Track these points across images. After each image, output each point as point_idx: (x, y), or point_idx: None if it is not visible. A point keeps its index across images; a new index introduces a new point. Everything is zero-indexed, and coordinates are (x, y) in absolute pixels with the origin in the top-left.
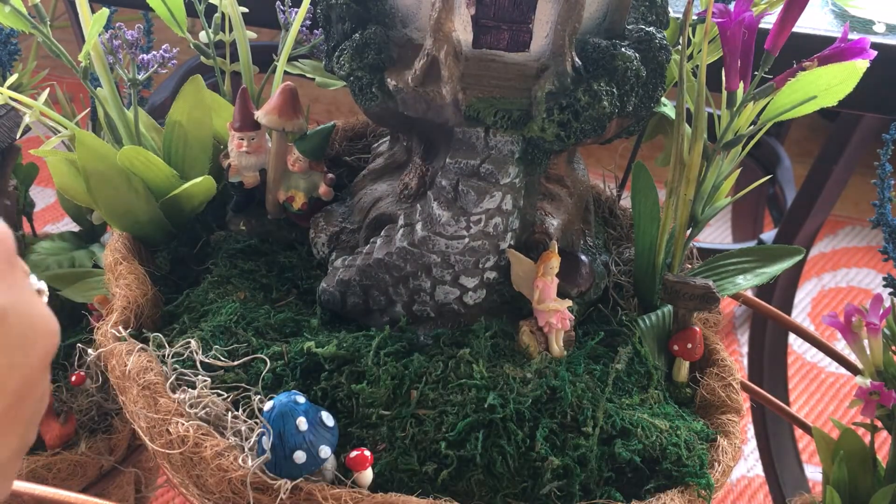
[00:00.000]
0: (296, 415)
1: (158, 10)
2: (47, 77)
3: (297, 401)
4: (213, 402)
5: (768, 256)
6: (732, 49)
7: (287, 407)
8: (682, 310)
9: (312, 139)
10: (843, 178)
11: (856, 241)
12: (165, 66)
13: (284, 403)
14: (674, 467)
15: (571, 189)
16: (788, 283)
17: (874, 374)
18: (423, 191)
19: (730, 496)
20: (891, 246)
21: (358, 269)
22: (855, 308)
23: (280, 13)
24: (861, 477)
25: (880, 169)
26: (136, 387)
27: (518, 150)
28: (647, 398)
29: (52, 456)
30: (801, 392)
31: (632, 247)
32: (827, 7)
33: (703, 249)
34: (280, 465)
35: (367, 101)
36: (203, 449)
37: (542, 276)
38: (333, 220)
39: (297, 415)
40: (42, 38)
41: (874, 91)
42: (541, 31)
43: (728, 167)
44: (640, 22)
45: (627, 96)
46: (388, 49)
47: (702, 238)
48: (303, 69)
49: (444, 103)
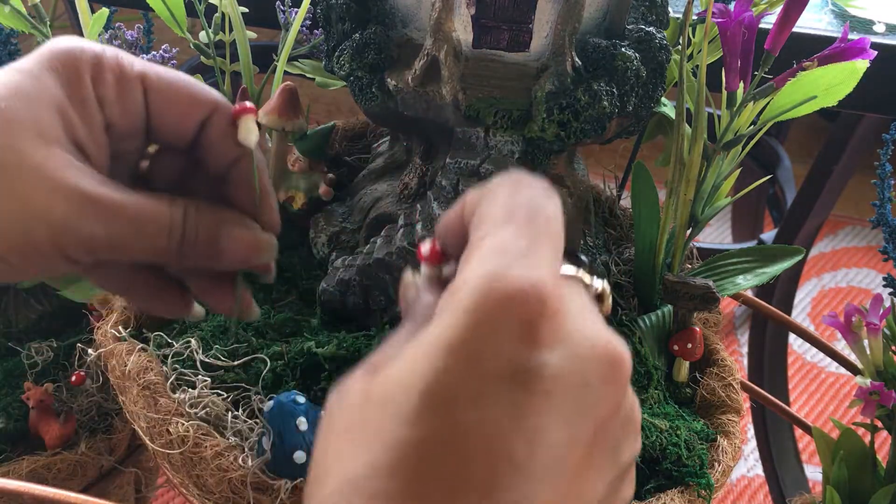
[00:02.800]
0: (296, 415)
1: (158, 10)
2: None
3: (296, 401)
4: (213, 402)
5: (768, 256)
6: (732, 49)
7: (287, 407)
8: (682, 310)
9: (312, 139)
10: (843, 178)
11: (856, 241)
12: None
13: (284, 403)
14: (674, 467)
15: (571, 189)
16: (788, 283)
17: (874, 374)
18: (423, 191)
19: (730, 496)
20: (891, 246)
21: (358, 269)
22: (855, 308)
23: (280, 13)
24: (861, 477)
25: (880, 169)
26: (136, 387)
27: (518, 150)
28: (646, 398)
29: (52, 456)
30: (801, 392)
31: (632, 247)
32: (827, 7)
33: (703, 249)
34: (280, 465)
35: (366, 101)
36: (203, 449)
37: None
38: (333, 220)
39: (298, 415)
40: (42, 38)
41: (874, 91)
42: (541, 30)
43: (728, 167)
44: (640, 22)
45: (627, 96)
46: (387, 49)
47: (702, 238)
48: (303, 69)
49: (444, 103)
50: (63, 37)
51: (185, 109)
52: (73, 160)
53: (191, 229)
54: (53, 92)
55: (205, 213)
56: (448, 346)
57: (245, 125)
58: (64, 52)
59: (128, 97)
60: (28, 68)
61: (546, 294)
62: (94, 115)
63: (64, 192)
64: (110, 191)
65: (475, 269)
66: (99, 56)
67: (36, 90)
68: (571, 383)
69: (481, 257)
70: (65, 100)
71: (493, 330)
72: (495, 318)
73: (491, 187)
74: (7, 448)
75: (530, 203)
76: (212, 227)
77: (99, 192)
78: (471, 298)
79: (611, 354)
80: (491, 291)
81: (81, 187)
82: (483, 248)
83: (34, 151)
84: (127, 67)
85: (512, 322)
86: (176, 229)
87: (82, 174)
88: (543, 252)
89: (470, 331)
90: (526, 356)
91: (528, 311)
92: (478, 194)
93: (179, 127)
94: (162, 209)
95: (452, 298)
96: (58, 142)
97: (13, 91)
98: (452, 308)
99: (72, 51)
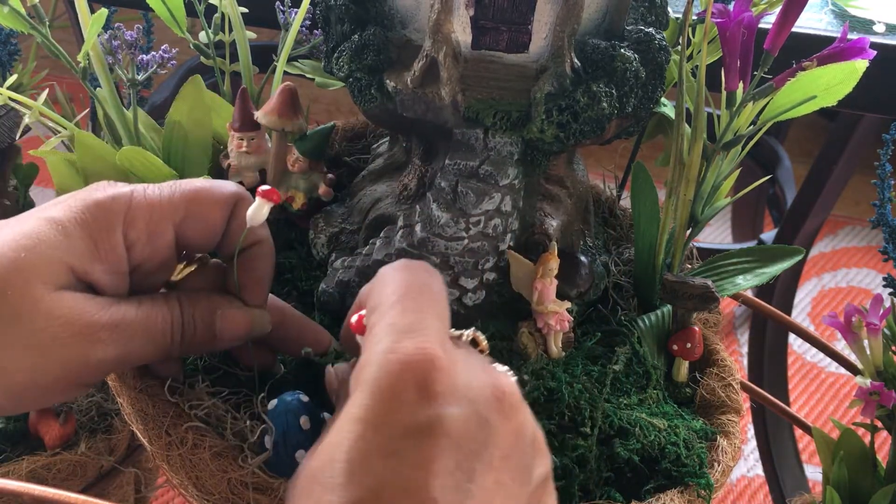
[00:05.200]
0: (300, 414)
1: (158, 10)
2: (47, 77)
3: (301, 400)
4: (213, 402)
5: (768, 256)
6: (732, 49)
7: (292, 405)
8: (681, 309)
9: (312, 139)
10: (843, 178)
11: (856, 241)
12: (165, 67)
13: (289, 402)
14: (673, 467)
15: (571, 190)
16: (788, 283)
17: (874, 374)
18: (423, 192)
19: (730, 496)
20: (891, 246)
21: (357, 271)
22: (855, 308)
23: (280, 13)
24: (861, 477)
25: (880, 169)
26: (135, 388)
27: (517, 152)
28: (645, 398)
29: (51, 456)
30: (801, 392)
31: (631, 247)
32: (827, 7)
33: (703, 249)
34: (283, 464)
35: (366, 103)
36: (202, 450)
37: (541, 277)
38: (333, 220)
39: (302, 414)
40: (41, 38)
41: (874, 91)
42: (540, 32)
43: (728, 167)
44: (640, 22)
45: (627, 97)
46: (386, 50)
47: (702, 238)
48: (303, 69)
49: (443, 104)
50: (98, 184)
51: (212, 222)
52: (81, 296)
53: (188, 322)
54: (76, 245)
55: (198, 303)
56: (358, 417)
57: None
58: (96, 206)
59: (159, 238)
60: (59, 219)
61: (433, 356)
62: (120, 261)
63: (76, 327)
64: (115, 311)
65: (372, 349)
66: (129, 202)
67: (56, 242)
68: (468, 424)
69: (376, 337)
70: (86, 252)
71: (393, 395)
72: (394, 385)
73: (379, 276)
74: (7, 448)
75: (413, 282)
76: (206, 314)
77: (106, 318)
78: (371, 373)
79: (499, 390)
80: (386, 364)
81: (91, 318)
82: (376, 329)
83: (46, 296)
84: (157, 210)
85: (409, 385)
86: (177, 326)
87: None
88: (429, 321)
89: (375, 400)
90: (425, 411)
91: (420, 373)
92: (368, 286)
93: (209, 236)
94: (163, 311)
95: (358, 376)
96: (68, 286)
97: (34, 242)
98: (359, 384)
99: (103, 203)
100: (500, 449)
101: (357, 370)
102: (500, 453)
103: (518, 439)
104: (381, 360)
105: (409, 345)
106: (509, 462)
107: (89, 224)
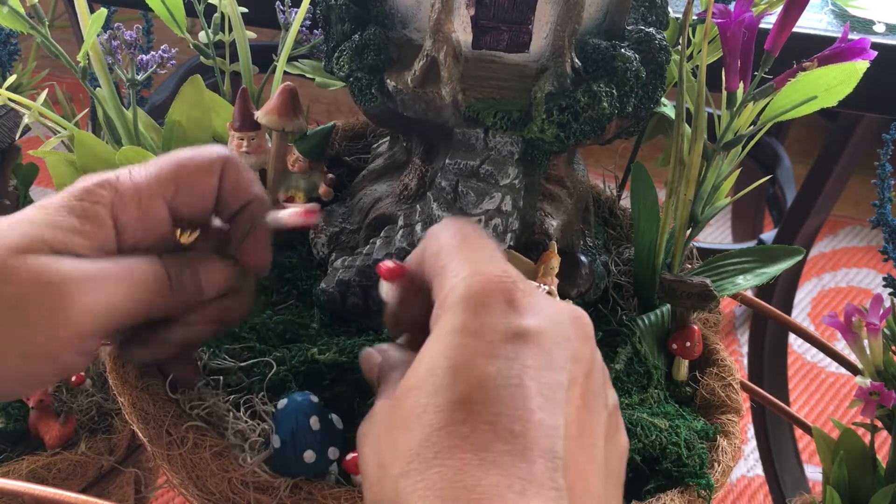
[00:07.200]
0: (310, 414)
1: (158, 10)
2: (47, 77)
3: (311, 400)
4: (213, 402)
5: (768, 256)
6: (732, 49)
7: (303, 405)
8: (680, 308)
9: (312, 139)
10: (843, 178)
11: (856, 241)
12: (164, 67)
13: (300, 401)
14: (673, 467)
15: (571, 189)
16: (788, 283)
17: (874, 374)
18: (423, 191)
19: (730, 496)
20: (891, 246)
21: (357, 270)
22: (855, 308)
23: (280, 13)
24: (861, 477)
25: (880, 169)
26: (136, 387)
27: (518, 151)
28: (646, 398)
29: (51, 456)
30: (801, 392)
31: (632, 247)
32: (827, 7)
33: (703, 249)
34: (289, 463)
35: (366, 102)
36: (203, 449)
37: (541, 276)
38: (333, 220)
39: (312, 414)
40: (40, 38)
41: (874, 91)
42: (540, 31)
43: (728, 167)
44: (640, 22)
45: (627, 97)
46: (387, 50)
47: (702, 238)
48: (303, 69)
49: (444, 104)
50: (85, 177)
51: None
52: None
53: (175, 274)
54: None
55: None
56: (455, 328)
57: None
58: (81, 191)
59: (152, 217)
60: (45, 203)
61: (515, 277)
62: (107, 241)
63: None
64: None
65: (454, 278)
66: (115, 186)
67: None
68: (554, 337)
69: (453, 271)
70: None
71: (485, 308)
72: (485, 300)
73: (432, 233)
74: (7, 448)
75: (469, 229)
76: (194, 271)
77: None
78: (458, 293)
79: (577, 315)
80: (474, 283)
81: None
82: (452, 265)
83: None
84: (146, 190)
85: (497, 299)
86: (161, 276)
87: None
88: (496, 255)
89: (469, 312)
90: (516, 321)
91: (506, 291)
92: (420, 247)
93: (203, 204)
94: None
95: (445, 303)
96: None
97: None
98: (449, 307)
99: (88, 188)
100: (581, 366)
101: (440, 302)
102: (583, 370)
103: (594, 363)
104: (468, 282)
105: (492, 268)
106: (590, 381)
107: (75, 208)
